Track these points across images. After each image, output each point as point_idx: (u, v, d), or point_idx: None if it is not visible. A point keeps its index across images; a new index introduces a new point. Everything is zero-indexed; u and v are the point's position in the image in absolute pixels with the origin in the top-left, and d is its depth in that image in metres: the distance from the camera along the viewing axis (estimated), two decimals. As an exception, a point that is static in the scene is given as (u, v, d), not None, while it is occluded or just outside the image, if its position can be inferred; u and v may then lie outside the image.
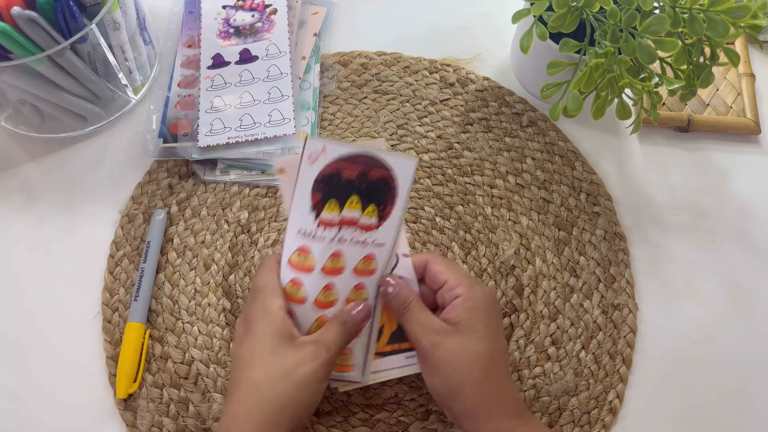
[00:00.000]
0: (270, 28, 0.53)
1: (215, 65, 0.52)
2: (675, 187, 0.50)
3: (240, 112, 0.50)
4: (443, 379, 0.35)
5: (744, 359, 0.44)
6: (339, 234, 0.37)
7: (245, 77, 0.51)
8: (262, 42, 0.52)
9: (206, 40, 0.53)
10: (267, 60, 0.52)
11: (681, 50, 0.39)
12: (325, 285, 0.37)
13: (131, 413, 0.41)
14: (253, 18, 0.53)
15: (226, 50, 0.52)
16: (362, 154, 0.36)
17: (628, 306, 0.45)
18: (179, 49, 0.53)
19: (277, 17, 0.53)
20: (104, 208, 0.48)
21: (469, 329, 0.35)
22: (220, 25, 0.53)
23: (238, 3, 0.54)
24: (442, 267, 0.38)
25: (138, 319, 0.43)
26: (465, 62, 0.55)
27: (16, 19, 0.40)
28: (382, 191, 0.37)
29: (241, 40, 0.53)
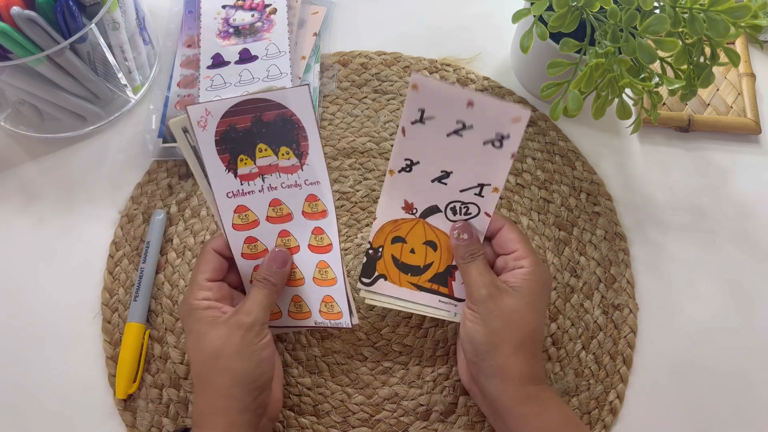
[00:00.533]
0: (270, 28, 0.53)
1: (215, 65, 0.52)
2: (675, 187, 0.50)
3: None
4: (488, 330, 0.36)
5: (744, 359, 0.44)
6: (265, 183, 0.38)
7: (245, 77, 0.51)
8: (262, 42, 0.52)
9: (206, 40, 0.53)
10: (267, 60, 0.52)
11: (681, 50, 0.39)
12: (279, 232, 0.38)
13: (131, 413, 0.41)
14: (252, 18, 0.53)
15: (226, 50, 0.52)
16: (247, 99, 0.37)
17: (629, 306, 0.45)
18: (179, 48, 0.53)
19: (276, 17, 0.53)
20: (104, 208, 0.48)
21: (526, 297, 0.36)
22: (219, 24, 0.53)
23: (237, 3, 0.54)
24: (516, 236, 0.39)
25: (137, 319, 0.43)
26: (465, 62, 0.55)
27: (15, 19, 0.40)
28: (286, 129, 0.37)
29: (241, 39, 0.53)
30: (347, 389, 0.42)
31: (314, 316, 0.40)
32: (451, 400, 0.42)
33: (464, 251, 0.38)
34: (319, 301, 0.40)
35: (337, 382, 0.43)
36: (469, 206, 0.39)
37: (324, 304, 0.39)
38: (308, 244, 0.39)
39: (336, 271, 0.39)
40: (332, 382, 0.42)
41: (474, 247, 0.38)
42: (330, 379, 0.43)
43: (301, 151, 0.38)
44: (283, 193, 0.38)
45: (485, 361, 0.36)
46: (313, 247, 0.39)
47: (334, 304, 0.39)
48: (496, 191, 0.38)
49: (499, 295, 0.36)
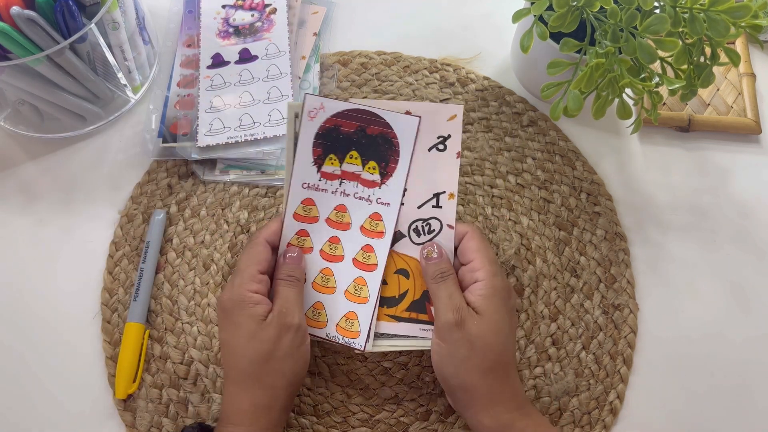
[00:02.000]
0: (270, 28, 0.53)
1: (215, 65, 0.51)
2: (675, 187, 0.50)
3: (239, 112, 0.49)
4: (455, 363, 0.35)
5: (744, 359, 0.44)
6: (341, 187, 0.39)
7: (245, 77, 0.51)
8: (262, 42, 0.52)
9: (206, 40, 0.53)
10: (266, 60, 0.52)
11: (681, 50, 0.39)
12: (330, 237, 0.39)
13: (130, 414, 0.41)
14: (252, 17, 0.53)
15: (226, 50, 0.52)
16: (359, 109, 0.38)
17: (629, 306, 0.45)
18: (179, 48, 0.53)
19: (276, 17, 0.53)
20: (103, 208, 0.48)
21: (488, 319, 0.36)
22: (219, 24, 0.53)
23: (237, 2, 0.54)
24: (474, 245, 0.38)
25: (137, 319, 0.43)
26: (465, 62, 0.55)
27: (15, 19, 0.40)
28: (382, 147, 0.39)
29: (241, 39, 0.52)
30: (347, 389, 0.42)
31: (329, 328, 0.39)
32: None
33: (433, 270, 0.37)
34: (341, 315, 0.39)
35: (337, 383, 0.42)
36: (430, 222, 0.39)
37: (345, 319, 0.39)
38: (353, 257, 0.39)
39: (372, 291, 0.39)
40: (332, 383, 0.42)
41: (443, 265, 0.37)
42: (330, 380, 0.43)
43: (386, 171, 0.39)
44: (352, 202, 0.39)
45: (457, 393, 0.36)
46: (358, 263, 0.39)
47: (356, 322, 0.39)
48: (452, 197, 0.38)
49: (464, 320, 0.35)
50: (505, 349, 0.36)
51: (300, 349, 0.36)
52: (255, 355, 0.35)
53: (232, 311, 0.36)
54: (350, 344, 0.39)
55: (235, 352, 0.36)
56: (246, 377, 0.36)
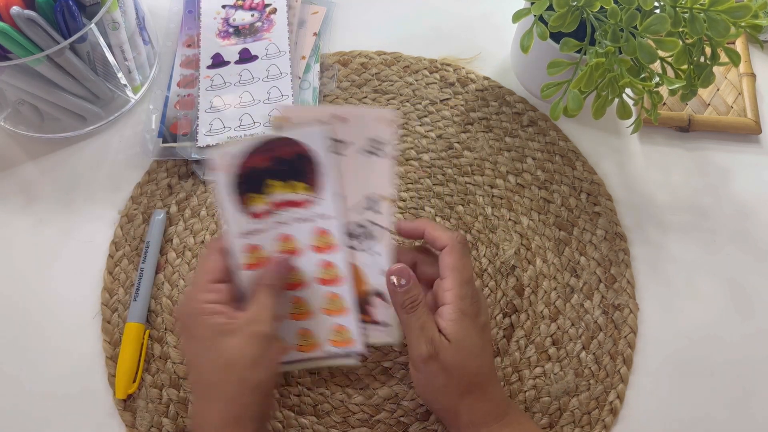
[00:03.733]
0: (269, 28, 0.53)
1: (215, 65, 0.52)
2: (675, 187, 0.50)
3: (239, 112, 0.50)
4: (433, 391, 0.36)
5: (744, 359, 0.44)
6: (279, 218, 0.38)
7: (245, 77, 0.51)
8: (262, 42, 0.52)
9: (206, 40, 0.53)
10: (267, 60, 0.52)
11: (681, 50, 0.39)
12: None
13: (130, 414, 0.41)
14: (252, 17, 0.53)
15: (226, 50, 0.52)
16: (261, 142, 0.37)
17: (629, 306, 0.45)
18: (178, 48, 0.53)
19: (276, 17, 0.53)
20: (103, 208, 0.48)
21: (460, 344, 0.35)
22: (219, 24, 0.53)
23: (237, 2, 0.54)
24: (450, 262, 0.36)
25: (137, 319, 0.43)
26: (465, 62, 0.55)
27: (15, 19, 0.40)
28: (299, 165, 0.38)
29: (241, 39, 0.52)
30: (347, 389, 0.42)
31: (323, 345, 0.39)
32: (451, 401, 0.42)
33: (403, 298, 0.35)
34: (329, 330, 0.39)
35: (337, 383, 0.42)
36: (367, 227, 0.38)
37: (335, 332, 0.39)
38: (317, 277, 0.39)
39: (348, 300, 0.39)
40: (332, 383, 0.42)
41: (413, 292, 0.35)
42: (330, 380, 0.43)
43: (314, 185, 0.38)
44: (293, 227, 0.38)
45: (440, 416, 0.37)
46: (323, 281, 0.39)
47: (346, 330, 0.39)
48: (391, 202, 0.38)
49: (437, 352, 0.35)
50: (481, 368, 0.36)
51: (268, 358, 0.35)
52: (217, 367, 0.34)
53: (189, 325, 0.36)
54: (349, 353, 0.39)
55: (199, 367, 0.35)
56: (210, 390, 0.34)
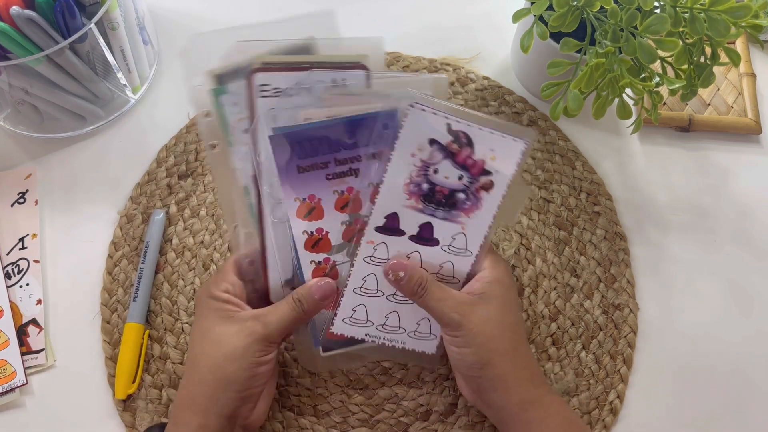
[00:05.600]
0: (471, 209, 0.37)
1: (386, 229, 0.37)
2: (676, 187, 0.50)
3: (389, 307, 0.38)
4: (475, 348, 0.35)
5: (744, 359, 0.44)
6: None
7: (413, 260, 0.37)
8: (452, 225, 0.37)
9: (388, 188, 0.37)
10: (448, 253, 0.37)
11: (682, 50, 0.39)
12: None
13: (130, 414, 0.41)
14: (459, 181, 0.37)
15: (406, 214, 0.37)
16: None
17: (629, 306, 0.45)
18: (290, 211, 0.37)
19: (488, 197, 0.37)
20: (103, 208, 0.48)
21: (494, 300, 0.36)
22: (414, 169, 0.36)
23: (452, 145, 0.36)
24: None
25: (137, 319, 0.43)
26: (465, 62, 0.55)
27: (15, 19, 0.40)
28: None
29: (429, 208, 0.37)
30: (347, 390, 0.42)
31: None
32: (450, 401, 0.42)
33: (410, 287, 0.36)
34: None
35: (337, 383, 0.42)
36: None
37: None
38: None
39: None
40: (332, 383, 0.42)
41: (416, 276, 0.36)
42: (330, 380, 0.42)
43: None
44: None
45: (483, 378, 0.35)
46: None
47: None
48: None
49: (470, 311, 0.35)
50: (517, 328, 0.36)
51: (252, 359, 0.34)
52: (206, 345, 0.34)
53: (200, 305, 0.37)
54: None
55: (192, 344, 0.35)
56: (191, 366, 0.35)
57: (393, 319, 0.38)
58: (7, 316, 0.43)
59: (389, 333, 0.38)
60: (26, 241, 0.46)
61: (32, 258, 0.45)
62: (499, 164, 0.37)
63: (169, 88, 0.53)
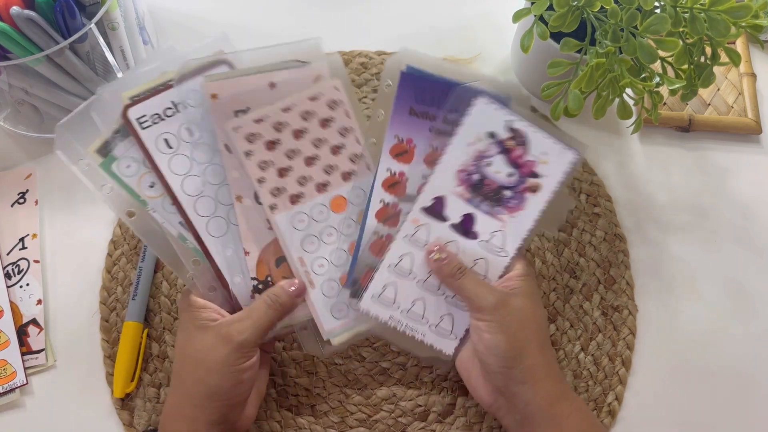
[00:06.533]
0: (515, 208, 0.38)
1: (431, 211, 0.37)
2: (676, 187, 0.50)
3: (418, 293, 0.38)
4: (508, 336, 0.35)
5: (744, 359, 0.44)
6: None
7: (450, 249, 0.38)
8: (494, 221, 0.38)
9: (444, 167, 0.37)
10: (483, 249, 0.38)
11: (682, 50, 0.39)
12: None
13: (128, 412, 0.41)
14: (508, 178, 0.38)
15: (453, 201, 0.37)
16: None
17: (628, 308, 0.45)
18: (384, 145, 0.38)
19: (532, 199, 0.38)
20: (103, 207, 0.48)
21: (529, 295, 0.37)
22: (470, 157, 0.38)
23: (508, 142, 0.38)
24: None
25: (136, 318, 0.43)
26: (465, 62, 0.55)
27: (15, 19, 0.40)
28: None
29: (476, 199, 0.38)
30: (345, 389, 0.42)
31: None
32: (449, 401, 0.42)
33: (449, 269, 0.37)
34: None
35: (335, 383, 0.42)
36: None
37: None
38: None
39: None
40: (330, 383, 0.42)
41: (455, 262, 0.37)
42: (328, 380, 0.42)
43: None
44: None
45: (515, 368, 0.35)
46: None
47: None
48: None
49: (506, 298, 0.36)
50: (545, 323, 0.37)
51: (233, 368, 0.34)
52: (186, 359, 0.35)
53: (181, 314, 0.37)
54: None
55: (176, 356, 0.36)
56: (175, 381, 0.35)
57: (418, 306, 0.38)
58: (7, 316, 0.43)
59: (412, 321, 0.38)
60: (26, 241, 0.46)
61: (32, 258, 0.45)
62: (548, 169, 0.38)
63: (169, 87, 0.53)
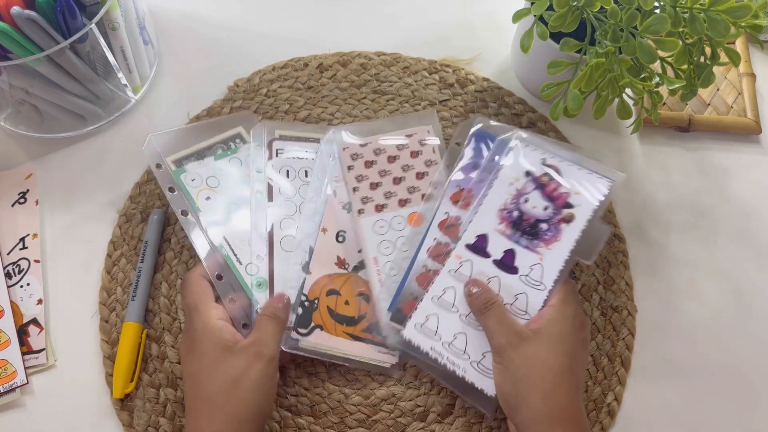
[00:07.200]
0: (551, 240, 0.39)
1: (475, 248, 0.40)
2: (675, 187, 0.50)
3: (460, 327, 0.39)
4: (513, 381, 0.35)
5: (744, 359, 0.44)
6: None
7: (493, 285, 0.39)
8: (532, 254, 0.39)
9: (486, 209, 0.40)
10: (523, 283, 0.39)
11: (682, 50, 0.39)
12: None
13: (128, 413, 0.41)
14: (544, 212, 0.40)
15: (495, 237, 0.40)
16: None
17: (627, 308, 0.45)
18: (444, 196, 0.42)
19: (567, 229, 0.39)
20: (102, 207, 0.48)
21: (549, 339, 0.36)
22: (510, 196, 0.41)
23: (542, 178, 0.41)
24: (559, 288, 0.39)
25: (135, 318, 0.43)
26: (465, 62, 0.55)
27: (15, 19, 0.40)
28: None
29: (515, 235, 0.40)
30: (344, 390, 0.42)
31: None
32: (448, 402, 0.42)
33: (478, 303, 0.38)
34: None
35: (335, 383, 0.42)
36: None
37: None
38: None
39: None
40: (329, 383, 0.42)
41: (485, 296, 0.38)
42: (327, 380, 0.42)
43: None
44: None
45: (518, 415, 0.35)
46: None
47: None
48: None
49: (519, 342, 0.36)
50: (567, 370, 0.35)
51: (269, 382, 0.36)
52: (220, 381, 0.35)
53: (197, 341, 0.37)
54: None
55: (200, 380, 0.36)
56: (210, 405, 0.35)
57: (460, 340, 0.39)
58: (7, 316, 0.43)
59: (453, 355, 0.39)
60: (27, 240, 0.46)
61: (33, 258, 0.45)
62: (581, 199, 0.40)
63: (169, 88, 0.53)
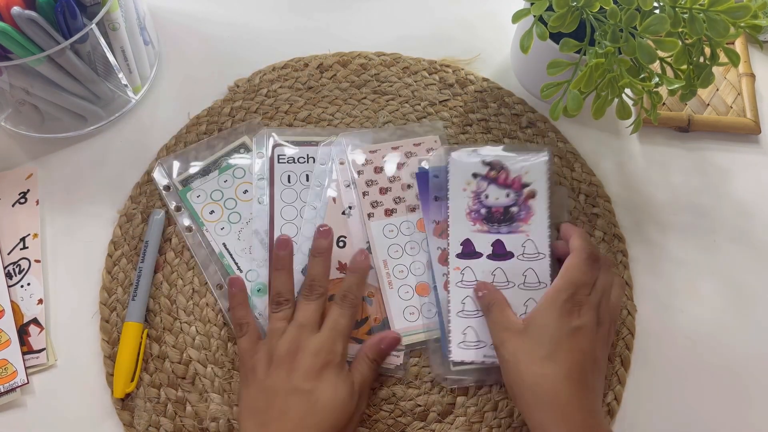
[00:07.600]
0: (527, 218, 0.43)
1: (465, 254, 0.43)
2: (675, 187, 0.50)
3: None
4: (505, 374, 0.38)
5: (744, 359, 0.44)
6: None
7: (498, 278, 0.42)
8: (518, 235, 0.43)
9: (455, 219, 0.44)
10: (523, 260, 0.42)
11: (681, 50, 0.39)
12: None
13: (128, 413, 0.41)
14: (507, 198, 0.44)
15: (477, 237, 0.43)
16: None
17: (627, 308, 0.45)
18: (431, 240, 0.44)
19: (535, 203, 0.43)
20: (103, 207, 0.48)
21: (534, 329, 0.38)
22: (470, 200, 0.44)
23: (490, 173, 0.44)
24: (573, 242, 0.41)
25: (136, 318, 0.43)
26: (465, 63, 0.55)
27: (15, 19, 0.40)
28: None
29: (494, 228, 0.43)
30: (345, 389, 0.42)
31: None
32: (448, 401, 0.42)
33: (483, 305, 0.41)
34: None
35: (336, 383, 0.42)
36: None
37: None
38: None
39: None
40: (330, 382, 0.42)
41: (489, 297, 0.41)
42: (328, 379, 0.42)
43: None
44: None
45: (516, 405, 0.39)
46: None
47: None
48: None
49: (510, 337, 0.38)
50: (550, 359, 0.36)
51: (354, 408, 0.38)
52: (344, 416, 0.37)
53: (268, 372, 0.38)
54: None
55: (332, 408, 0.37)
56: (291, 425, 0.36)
57: None
58: (8, 315, 0.43)
59: None
60: (27, 240, 0.46)
61: (33, 258, 0.46)
62: (533, 175, 0.44)
63: (169, 88, 0.54)
